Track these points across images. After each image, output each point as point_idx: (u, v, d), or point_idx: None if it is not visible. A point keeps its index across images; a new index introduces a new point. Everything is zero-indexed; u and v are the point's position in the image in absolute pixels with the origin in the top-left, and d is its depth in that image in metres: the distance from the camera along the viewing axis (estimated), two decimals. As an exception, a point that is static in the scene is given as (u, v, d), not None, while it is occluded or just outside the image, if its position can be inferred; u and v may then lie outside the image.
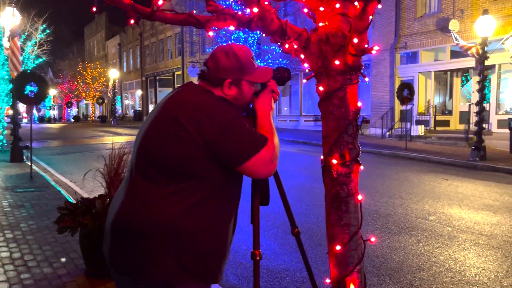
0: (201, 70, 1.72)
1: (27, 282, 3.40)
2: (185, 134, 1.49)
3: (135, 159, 1.60)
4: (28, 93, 8.38)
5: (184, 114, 1.51)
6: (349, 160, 1.42)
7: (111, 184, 3.69)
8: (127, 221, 1.52)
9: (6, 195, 6.76)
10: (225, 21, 1.51)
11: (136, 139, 1.67)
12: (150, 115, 1.68)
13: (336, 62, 1.42)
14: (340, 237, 1.42)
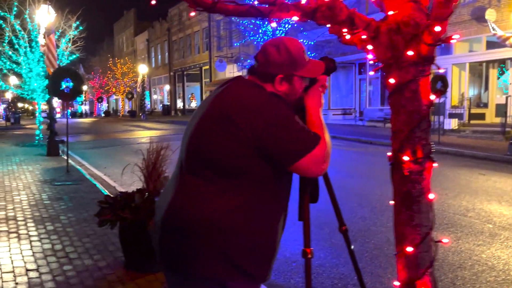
0: (251, 65, 1.69)
1: (70, 273, 3.50)
2: (236, 131, 1.47)
3: (185, 155, 1.59)
4: (64, 89, 8.59)
5: (235, 111, 1.49)
6: (422, 157, 1.36)
7: (149, 178, 3.73)
8: (176, 218, 1.52)
9: (45, 188, 6.97)
10: (288, 12, 1.47)
11: (185, 135, 1.67)
12: (199, 110, 1.66)
13: (409, 53, 1.36)
14: (411, 237, 1.37)
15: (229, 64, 32.59)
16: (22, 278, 3.38)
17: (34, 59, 13.94)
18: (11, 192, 6.64)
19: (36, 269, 3.56)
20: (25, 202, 5.98)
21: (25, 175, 8.23)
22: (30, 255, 3.90)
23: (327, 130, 1.59)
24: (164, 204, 1.59)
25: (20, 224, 4.88)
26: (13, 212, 5.42)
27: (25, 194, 6.47)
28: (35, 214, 5.30)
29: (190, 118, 1.72)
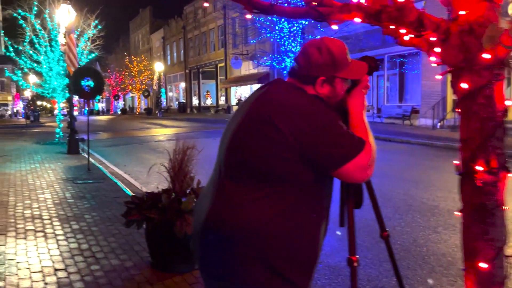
0: (291, 67, 1.64)
1: (98, 273, 3.51)
2: (278, 135, 1.42)
3: (224, 160, 1.56)
4: (85, 88, 8.67)
5: (277, 114, 1.45)
6: (497, 167, 1.30)
7: (175, 178, 3.72)
8: (217, 225, 1.48)
9: (68, 187, 7.05)
10: (349, 13, 1.42)
11: (223, 139, 1.63)
12: (238, 113, 1.62)
13: (486, 56, 1.29)
14: (484, 253, 1.30)
15: (244, 61, 32.57)
16: (51, 278, 3.40)
17: (54, 58, 14.13)
18: (35, 190, 6.73)
19: (64, 269, 3.58)
20: (50, 200, 6.05)
21: (48, 173, 8.34)
22: (58, 254, 3.93)
23: (371, 134, 1.53)
24: (203, 211, 1.56)
25: (46, 223, 4.93)
26: (39, 210, 5.48)
27: (49, 193, 6.55)
28: (60, 213, 5.35)
29: (228, 122, 1.68)
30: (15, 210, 5.48)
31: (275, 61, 20.21)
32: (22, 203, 5.86)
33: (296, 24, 18.83)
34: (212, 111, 38.99)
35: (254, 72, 32.64)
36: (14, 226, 4.78)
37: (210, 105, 41.95)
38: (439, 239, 4.55)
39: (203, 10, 41.29)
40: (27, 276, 3.42)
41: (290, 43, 19.04)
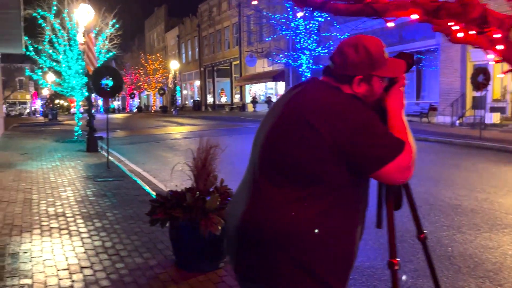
0: (326, 65, 1.61)
1: (122, 271, 3.53)
2: (314, 136, 1.40)
3: (258, 161, 1.54)
4: (104, 86, 8.75)
5: (314, 115, 1.42)
6: None
7: (198, 177, 3.72)
8: (253, 227, 1.47)
9: (88, 184, 7.13)
10: (406, 10, 1.38)
11: (256, 139, 1.61)
12: (271, 113, 1.60)
13: None
14: None
15: (259, 59, 32.53)
16: (77, 275, 3.44)
17: (73, 57, 14.30)
18: (58, 188, 6.82)
19: (90, 267, 3.62)
20: (72, 198, 6.13)
21: (68, 171, 8.45)
22: (83, 252, 3.97)
23: (411, 134, 1.49)
24: (238, 213, 1.54)
25: (70, 220, 4.99)
26: (62, 208, 5.55)
27: (70, 190, 6.63)
28: (83, 211, 5.41)
29: (262, 120, 1.66)
30: (39, 208, 5.56)
31: (290, 58, 20.14)
32: (46, 201, 5.94)
33: (312, 21, 18.71)
34: (227, 109, 39.06)
35: (269, 70, 32.59)
36: (39, 223, 4.85)
37: (224, 103, 42.04)
38: (464, 239, 4.47)
39: (218, 8, 41.35)
40: (54, 274, 3.46)
41: (306, 40, 18.95)
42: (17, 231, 4.55)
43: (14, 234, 4.45)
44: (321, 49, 19.23)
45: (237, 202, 1.58)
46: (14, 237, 4.37)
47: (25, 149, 12.59)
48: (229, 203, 1.67)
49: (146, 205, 5.67)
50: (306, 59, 19.18)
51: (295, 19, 18.91)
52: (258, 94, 36.74)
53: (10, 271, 3.49)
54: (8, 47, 11.86)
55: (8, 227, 4.70)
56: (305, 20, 18.75)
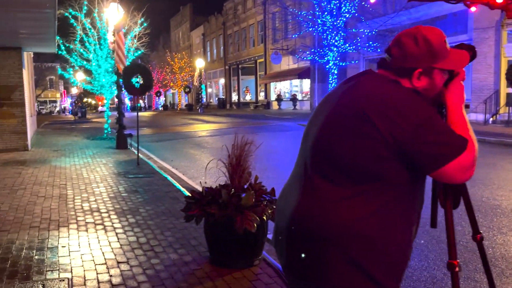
0: (381, 58, 1.55)
1: (158, 267, 3.55)
2: (372, 131, 1.34)
3: (310, 156, 1.49)
4: (135, 84, 8.86)
5: (372, 109, 1.36)
6: None
7: (233, 174, 3.70)
8: (305, 224, 1.42)
9: (120, 181, 7.23)
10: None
11: (308, 133, 1.56)
12: (323, 107, 1.55)
13: None
14: None
15: (284, 56, 32.40)
16: (114, 270, 3.47)
17: (102, 55, 14.58)
18: (91, 184, 6.95)
19: (126, 262, 3.65)
20: (105, 194, 6.23)
21: (100, 168, 8.61)
22: (118, 247, 4.01)
23: (472, 131, 1.42)
24: (289, 209, 1.50)
25: (104, 216, 5.06)
26: (96, 204, 5.65)
27: (103, 186, 6.74)
28: (116, 207, 5.49)
29: (312, 115, 1.61)
30: (74, 203, 5.67)
31: (317, 55, 19.95)
32: (80, 196, 6.06)
33: (340, 17, 18.47)
34: (252, 106, 39.09)
35: (294, 67, 32.42)
36: (75, 218, 4.95)
37: (249, 100, 42.09)
38: (506, 241, 4.30)
39: (243, 5, 41.39)
40: (92, 268, 3.51)
41: (333, 37, 18.72)
42: (54, 226, 4.65)
43: (52, 229, 4.55)
44: (348, 46, 18.97)
45: (287, 198, 1.54)
46: (52, 231, 4.47)
47: (57, 145, 12.92)
48: (278, 199, 1.63)
49: (177, 201, 5.73)
50: (333, 55, 18.96)
51: (321, 15, 18.71)
52: (283, 91, 36.61)
53: (50, 265, 3.56)
54: (42, 46, 12.18)
55: (46, 222, 4.81)
56: (332, 17, 18.52)
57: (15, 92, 11.12)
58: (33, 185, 6.83)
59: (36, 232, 4.43)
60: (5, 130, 11.08)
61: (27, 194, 6.19)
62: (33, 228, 4.56)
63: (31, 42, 10.87)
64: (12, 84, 11.08)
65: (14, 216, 5.05)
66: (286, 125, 18.90)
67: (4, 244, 4.05)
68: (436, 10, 18.13)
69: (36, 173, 7.98)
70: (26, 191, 6.43)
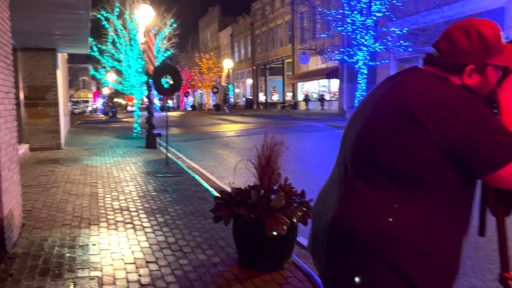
0: (428, 54, 1.45)
1: (187, 268, 3.52)
2: (419, 132, 1.24)
3: (351, 157, 1.40)
4: (164, 84, 8.94)
5: (419, 108, 1.26)
6: None
7: (263, 175, 3.64)
8: (346, 229, 1.34)
9: (149, 180, 7.30)
10: None
11: (347, 134, 1.48)
12: (365, 105, 1.46)
13: None
14: None
15: (312, 56, 32.14)
16: (143, 270, 3.47)
17: (133, 56, 14.82)
18: (121, 183, 7.04)
19: (155, 262, 3.64)
20: (134, 193, 6.29)
21: (130, 167, 8.72)
22: (147, 246, 4.02)
23: None
24: (327, 213, 1.42)
25: (133, 215, 5.10)
26: (125, 202, 5.70)
27: (133, 185, 6.81)
28: (145, 205, 5.53)
29: (351, 116, 1.52)
30: (104, 202, 5.75)
31: (346, 54, 19.66)
32: (110, 195, 6.14)
33: (370, 16, 18.13)
34: (279, 107, 38.98)
35: (322, 67, 32.11)
36: (105, 217, 5.00)
37: (276, 101, 41.99)
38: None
39: (271, 6, 41.33)
40: (122, 267, 3.52)
41: (362, 36, 18.40)
42: (85, 224, 4.72)
43: (83, 227, 4.61)
44: (379, 45, 18.59)
45: (326, 201, 1.46)
46: (83, 229, 4.53)
47: (89, 144, 13.21)
48: (316, 202, 1.55)
49: (205, 201, 5.72)
50: (363, 55, 18.63)
51: (351, 14, 18.42)
52: (311, 92, 36.33)
53: (80, 262, 3.59)
54: (76, 47, 12.49)
55: (77, 220, 4.88)
56: (362, 15, 18.20)
57: (49, 92, 11.43)
58: (65, 183, 6.98)
59: (67, 230, 4.49)
60: (39, 129, 11.41)
61: (60, 192, 6.32)
62: (65, 226, 4.64)
63: (65, 43, 11.15)
64: (46, 85, 11.40)
65: (47, 213, 5.16)
66: (314, 125, 18.72)
67: (37, 241, 4.13)
68: (470, 7, 17.55)
69: (69, 171, 8.16)
70: (59, 189, 6.57)
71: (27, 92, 11.23)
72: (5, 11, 4.12)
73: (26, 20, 7.69)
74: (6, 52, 4.12)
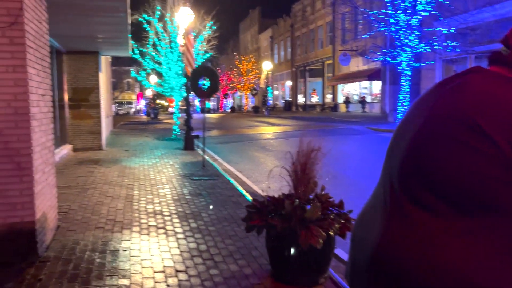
0: (495, 52, 1.20)
1: (217, 279, 3.36)
2: (485, 145, 0.99)
3: (399, 174, 1.17)
4: (202, 87, 8.89)
5: (486, 116, 1.01)
6: None
7: (297, 183, 3.42)
8: (391, 261, 1.11)
9: (185, 183, 7.24)
10: None
11: (394, 146, 1.24)
12: (414, 113, 1.21)
13: None
14: None
15: (353, 58, 31.45)
16: (172, 279, 3.34)
17: (173, 58, 14.97)
18: (156, 185, 7.02)
19: (185, 271, 3.51)
20: (169, 196, 6.23)
21: (167, 169, 8.73)
22: (178, 254, 3.90)
23: None
24: (370, 239, 1.19)
25: (167, 219, 5.02)
26: (160, 206, 5.64)
27: (168, 188, 6.77)
28: (179, 210, 5.44)
29: (399, 124, 1.29)
30: (139, 205, 5.72)
31: (388, 56, 19.01)
32: (145, 198, 6.11)
33: (415, 15, 17.43)
34: (318, 109, 38.44)
35: (363, 69, 31.36)
36: (138, 221, 4.95)
37: (315, 103, 41.46)
38: None
39: (312, 7, 40.89)
40: (150, 276, 3.41)
41: (406, 37, 17.72)
42: (118, 228, 4.67)
43: (116, 231, 4.57)
44: (424, 46, 17.83)
45: (368, 225, 1.24)
46: (115, 233, 4.48)
47: (129, 145, 13.45)
48: (356, 224, 1.33)
49: (240, 206, 5.56)
50: (407, 56, 17.93)
51: (395, 14, 17.78)
52: (351, 94, 35.57)
53: (109, 269, 3.52)
54: (117, 50, 12.76)
55: (111, 223, 4.85)
56: (406, 15, 17.53)
57: (92, 94, 11.72)
58: (102, 185, 7.04)
59: (100, 234, 4.46)
60: (82, 130, 11.71)
61: (96, 194, 6.37)
62: (98, 229, 4.61)
63: (107, 46, 11.38)
64: (89, 87, 11.69)
65: (82, 215, 5.17)
66: (355, 128, 18.21)
67: (70, 244, 4.11)
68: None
69: (107, 172, 8.27)
70: (96, 190, 6.63)
71: (71, 94, 11.56)
72: (42, 14, 4.14)
73: (68, 24, 7.86)
74: (43, 55, 4.14)
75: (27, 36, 3.52)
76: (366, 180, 7.25)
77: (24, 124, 3.51)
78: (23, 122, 3.51)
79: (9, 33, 3.41)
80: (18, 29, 3.43)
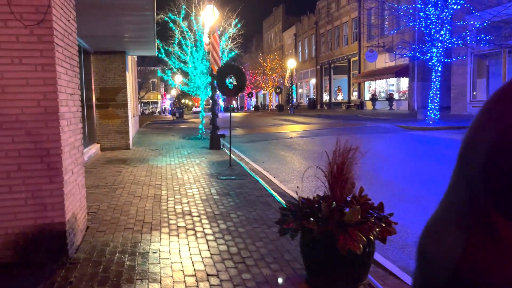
0: None
1: (250, 284, 3.22)
2: None
3: (483, 181, 0.99)
4: (228, 85, 8.78)
5: None
6: None
7: (334, 184, 3.24)
8: (479, 283, 0.93)
9: (212, 182, 7.14)
10: None
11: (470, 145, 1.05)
12: (491, 110, 1.03)
13: None
14: None
15: (380, 54, 30.82)
16: (204, 284, 3.22)
17: (198, 57, 14.95)
18: (184, 185, 6.95)
19: (216, 275, 3.39)
20: (197, 196, 6.14)
21: (194, 168, 8.66)
22: (208, 256, 3.78)
23: None
24: (446, 256, 1.01)
25: (196, 220, 4.92)
26: (188, 206, 5.55)
27: (196, 188, 6.69)
28: (207, 210, 5.33)
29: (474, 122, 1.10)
30: (167, 205, 5.64)
31: (418, 51, 18.46)
32: (173, 198, 6.04)
33: (446, 9, 16.85)
34: (343, 107, 37.87)
35: (390, 65, 30.69)
36: (167, 222, 4.86)
37: (341, 100, 40.87)
38: None
39: (337, 3, 40.30)
40: (181, 280, 3.30)
41: (437, 31, 17.15)
42: (147, 229, 4.60)
43: (145, 232, 4.49)
44: (456, 40, 17.22)
45: (441, 240, 1.05)
46: (144, 234, 4.40)
47: (156, 145, 13.49)
48: (424, 235, 1.16)
49: (269, 207, 5.41)
50: (437, 51, 17.36)
51: (424, 8, 17.24)
52: (378, 91, 34.87)
53: (140, 272, 3.42)
54: (144, 50, 12.82)
55: (140, 224, 4.78)
56: (436, 9, 16.97)
57: (119, 94, 11.79)
58: (131, 184, 7.02)
59: (129, 235, 4.39)
60: (110, 130, 11.80)
61: (125, 194, 6.34)
62: (127, 230, 4.55)
63: (133, 45, 11.43)
64: (116, 86, 11.76)
65: (111, 216, 5.13)
66: (383, 126, 17.77)
67: (99, 246, 4.05)
68: None
69: (135, 172, 8.26)
70: (124, 190, 6.60)
71: (99, 94, 11.66)
72: (70, 12, 4.09)
73: (96, 23, 7.88)
74: (72, 54, 4.09)
75: (55, 34, 3.46)
76: (400, 180, 6.97)
77: (54, 123, 3.46)
78: (53, 121, 3.46)
79: (37, 31, 3.36)
80: (47, 27, 3.38)
